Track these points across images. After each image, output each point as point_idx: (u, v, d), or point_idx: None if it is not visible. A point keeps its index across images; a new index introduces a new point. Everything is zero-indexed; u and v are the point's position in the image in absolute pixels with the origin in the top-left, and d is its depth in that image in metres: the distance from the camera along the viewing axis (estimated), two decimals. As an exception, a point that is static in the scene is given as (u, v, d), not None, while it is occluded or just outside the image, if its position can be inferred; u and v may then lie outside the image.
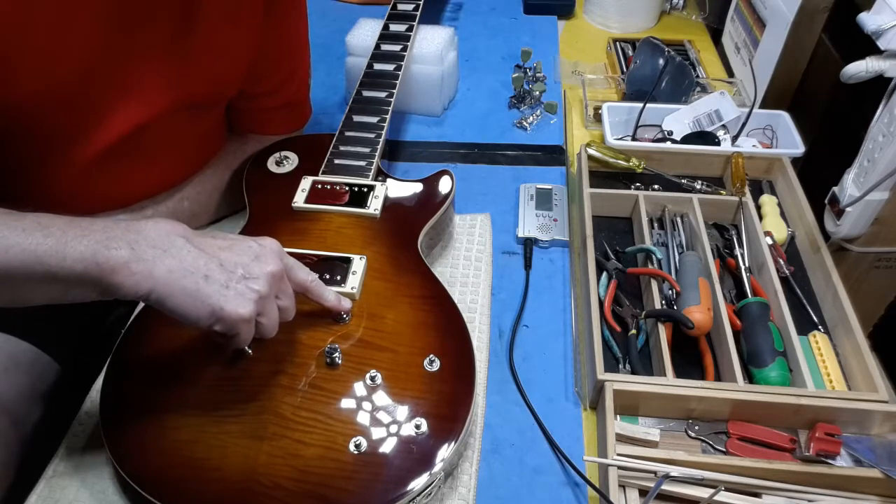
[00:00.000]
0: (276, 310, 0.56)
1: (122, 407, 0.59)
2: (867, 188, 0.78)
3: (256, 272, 0.53)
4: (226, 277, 0.52)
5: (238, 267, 0.53)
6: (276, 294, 0.56)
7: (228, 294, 0.51)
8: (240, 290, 0.52)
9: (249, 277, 0.53)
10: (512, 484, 0.62)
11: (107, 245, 0.48)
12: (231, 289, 0.52)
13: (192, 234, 0.53)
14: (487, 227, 0.84)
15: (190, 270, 0.50)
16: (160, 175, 0.75)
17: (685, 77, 1.01)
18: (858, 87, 0.76)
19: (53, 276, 0.47)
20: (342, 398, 0.58)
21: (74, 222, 0.49)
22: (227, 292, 0.51)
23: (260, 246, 0.55)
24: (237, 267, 0.53)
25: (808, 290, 0.77)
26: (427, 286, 0.67)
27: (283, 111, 0.86)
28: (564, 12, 1.32)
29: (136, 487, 0.54)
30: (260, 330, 0.55)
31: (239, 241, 0.55)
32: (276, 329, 0.57)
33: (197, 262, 0.51)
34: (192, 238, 0.52)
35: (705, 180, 0.89)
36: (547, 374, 0.71)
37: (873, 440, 0.63)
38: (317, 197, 0.75)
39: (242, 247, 0.54)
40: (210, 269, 0.51)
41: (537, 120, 1.04)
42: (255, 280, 0.53)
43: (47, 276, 0.47)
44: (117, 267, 0.48)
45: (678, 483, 0.59)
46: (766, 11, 1.06)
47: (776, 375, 0.65)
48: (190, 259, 0.51)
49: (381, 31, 0.95)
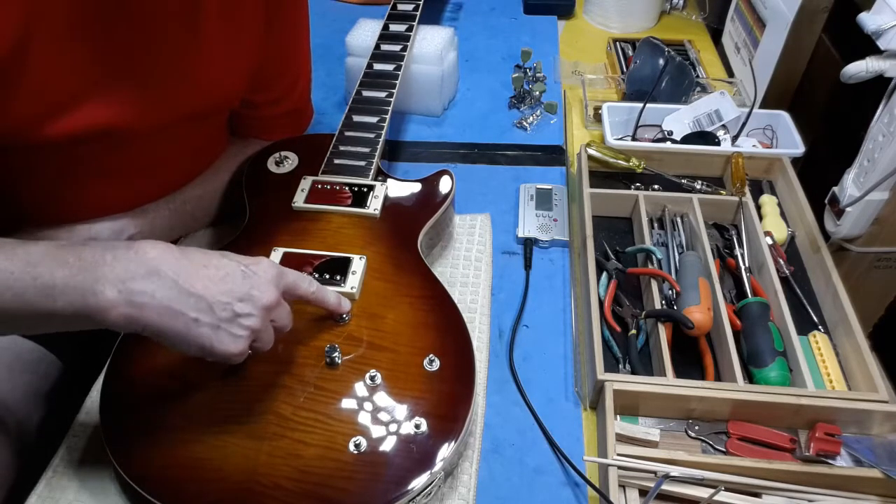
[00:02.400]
0: (271, 332, 0.56)
1: (123, 407, 0.59)
2: (867, 188, 0.78)
3: (248, 309, 0.52)
4: (215, 318, 0.51)
5: (230, 305, 0.51)
6: (272, 318, 0.55)
7: (219, 334, 0.51)
8: (231, 329, 0.51)
9: (241, 315, 0.52)
10: (512, 484, 0.62)
11: (94, 289, 0.48)
12: (222, 329, 0.51)
13: (182, 265, 0.51)
14: (487, 227, 0.84)
15: (180, 312, 0.49)
16: (162, 181, 0.75)
17: (685, 77, 1.01)
18: (858, 87, 0.76)
19: (48, 315, 0.48)
20: (342, 398, 0.58)
21: (62, 257, 0.48)
22: (218, 333, 0.51)
23: (254, 274, 0.53)
24: (228, 305, 0.51)
25: (808, 290, 0.77)
26: (427, 286, 0.67)
27: (284, 118, 0.86)
28: (564, 12, 1.32)
29: (136, 487, 0.54)
30: (255, 349, 0.55)
31: (231, 272, 0.52)
32: (271, 345, 0.56)
33: (186, 302, 0.50)
34: (181, 271, 0.50)
35: (705, 180, 0.89)
36: (547, 374, 0.71)
37: (873, 440, 0.63)
38: (317, 197, 0.75)
39: (235, 278, 0.52)
40: (200, 309, 0.50)
41: (537, 120, 1.04)
42: (246, 317, 0.52)
43: (42, 316, 0.48)
44: (107, 309, 0.48)
45: (678, 483, 0.59)
46: (766, 11, 1.06)
47: (776, 375, 0.65)
48: (179, 300, 0.49)
49: (381, 31, 0.95)
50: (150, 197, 0.75)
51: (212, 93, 0.71)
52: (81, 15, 0.57)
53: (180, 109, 0.69)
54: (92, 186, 0.69)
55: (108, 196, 0.71)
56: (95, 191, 0.70)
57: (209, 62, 0.68)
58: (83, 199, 0.70)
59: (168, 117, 0.68)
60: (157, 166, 0.73)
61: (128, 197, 0.73)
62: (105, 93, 0.62)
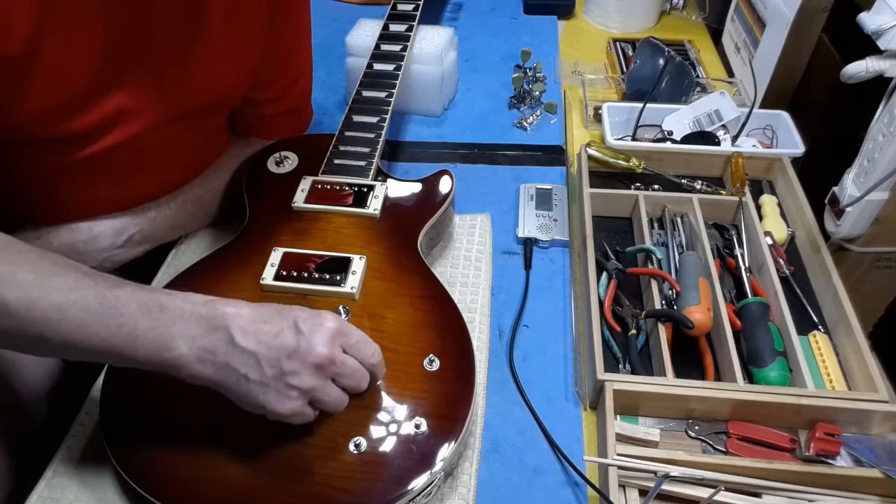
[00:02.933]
0: (333, 393, 0.54)
1: (123, 407, 0.59)
2: (867, 188, 0.78)
3: (296, 367, 0.51)
4: (263, 376, 0.51)
5: (278, 361, 0.51)
6: (332, 378, 0.53)
7: (268, 392, 0.51)
8: (278, 388, 0.51)
9: (289, 372, 0.51)
10: (512, 484, 0.62)
11: (169, 345, 0.50)
12: (270, 388, 0.51)
13: (245, 322, 0.51)
14: (487, 228, 0.84)
15: (233, 368, 0.51)
16: (163, 179, 0.75)
17: (685, 77, 1.01)
18: (858, 87, 0.76)
19: (126, 359, 0.51)
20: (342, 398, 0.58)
21: (146, 305, 0.51)
22: (266, 390, 0.51)
23: (308, 329, 0.52)
24: (277, 362, 0.51)
25: (808, 290, 0.77)
26: (427, 286, 0.67)
27: (285, 117, 0.86)
28: (564, 12, 1.32)
29: (136, 487, 0.54)
30: (322, 409, 0.54)
31: (285, 329, 0.52)
32: (343, 405, 0.55)
33: (238, 359, 0.50)
34: (243, 328, 0.51)
35: (705, 180, 0.89)
36: (547, 374, 0.71)
37: (873, 440, 0.63)
38: (317, 197, 0.75)
39: (286, 335, 0.51)
40: (249, 365, 0.50)
41: (537, 120, 1.04)
42: (294, 376, 0.51)
43: (121, 358, 0.51)
44: (177, 366, 0.51)
45: (678, 483, 0.59)
46: (766, 11, 1.06)
47: (776, 375, 0.65)
48: (233, 356, 0.50)
49: (381, 32, 0.95)
50: (151, 196, 0.75)
51: (214, 90, 0.72)
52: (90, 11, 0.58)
53: (182, 106, 0.69)
54: (94, 185, 0.69)
55: (109, 195, 0.71)
56: (97, 189, 0.70)
57: (212, 60, 0.68)
58: (85, 198, 0.70)
59: (170, 114, 0.68)
60: (159, 165, 0.73)
61: (129, 196, 0.73)
62: (114, 89, 0.63)
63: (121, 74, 0.63)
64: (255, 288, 0.66)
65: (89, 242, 0.70)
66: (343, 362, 0.53)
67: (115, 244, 0.72)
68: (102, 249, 0.71)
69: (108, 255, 0.71)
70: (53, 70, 0.58)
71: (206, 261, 0.70)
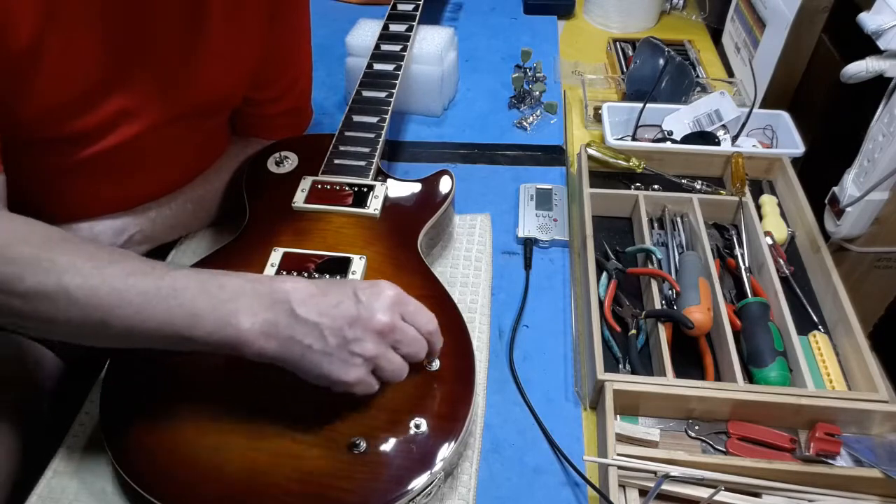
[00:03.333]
0: (395, 360, 0.54)
1: (123, 406, 0.59)
2: (867, 188, 0.78)
3: (359, 334, 0.52)
4: (326, 345, 0.51)
5: (340, 331, 0.51)
6: (393, 345, 0.54)
7: (333, 361, 0.52)
8: (342, 356, 0.52)
9: (352, 340, 0.52)
10: (512, 484, 0.62)
11: (230, 322, 0.50)
12: (334, 356, 0.52)
13: (305, 295, 0.52)
14: (487, 228, 0.84)
15: (297, 340, 0.51)
16: (164, 179, 0.75)
17: (685, 77, 1.01)
18: (858, 87, 0.76)
19: (184, 341, 0.51)
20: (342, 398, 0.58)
21: (204, 286, 0.51)
22: (331, 360, 0.52)
23: (368, 298, 0.53)
24: (340, 331, 0.51)
25: (808, 290, 0.77)
26: (427, 286, 0.67)
27: (285, 117, 0.86)
28: (564, 12, 1.32)
29: (136, 487, 0.54)
30: (383, 378, 0.55)
31: (345, 299, 0.53)
32: (404, 373, 0.55)
33: (301, 330, 0.51)
34: (304, 301, 0.52)
35: (705, 180, 0.89)
36: (547, 374, 0.71)
37: (873, 440, 0.63)
38: (317, 197, 0.75)
39: (347, 304, 0.52)
40: (312, 338, 0.51)
41: (537, 120, 1.04)
42: (357, 343, 0.52)
43: (179, 341, 0.51)
44: (241, 342, 0.51)
45: (678, 483, 0.59)
46: (766, 11, 1.06)
47: (776, 375, 0.65)
48: (295, 328, 0.51)
49: (381, 32, 0.95)
50: (151, 196, 0.75)
51: (214, 90, 0.72)
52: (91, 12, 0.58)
53: (183, 107, 0.69)
54: (94, 185, 0.69)
55: (109, 195, 0.71)
56: (97, 189, 0.70)
57: (212, 60, 0.68)
58: (85, 198, 0.70)
59: (171, 114, 0.68)
60: (160, 165, 0.73)
61: (130, 196, 0.73)
62: (115, 90, 0.63)
63: (122, 75, 0.63)
64: (255, 288, 0.66)
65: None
66: (403, 329, 0.54)
67: (115, 244, 0.72)
68: None
69: (109, 255, 0.71)
70: (55, 71, 0.58)
71: (206, 261, 0.70)
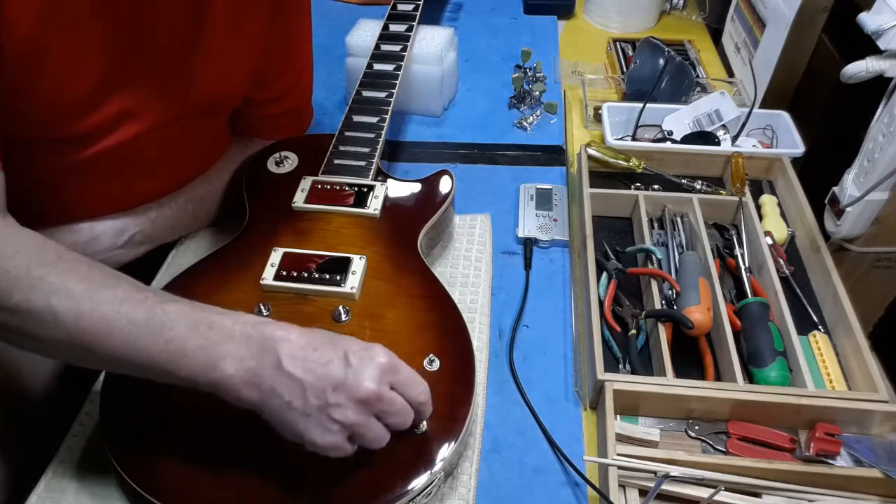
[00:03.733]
0: (376, 429, 0.51)
1: (123, 407, 0.59)
2: (867, 188, 0.78)
3: (342, 400, 0.49)
4: (307, 405, 0.49)
5: (324, 393, 0.49)
6: (377, 415, 0.51)
7: (310, 422, 0.49)
8: (321, 420, 0.49)
9: (333, 405, 0.49)
10: (512, 484, 0.62)
11: (216, 365, 0.49)
12: (312, 417, 0.49)
13: (295, 347, 0.50)
14: (487, 228, 0.84)
15: (278, 394, 0.49)
16: (165, 179, 0.75)
17: (685, 77, 1.01)
18: (858, 87, 0.76)
19: (167, 377, 0.50)
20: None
21: (195, 323, 0.50)
22: (308, 420, 0.49)
23: (360, 361, 0.50)
24: (323, 392, 0.49)
25: (808, 290, 0.77)
26: (427, 286, 0.67)
27: (286, 117, 0.86)
28: (564, 12, 1.32)
29: (135, 487, 0.54)
30: (363, 444, 0.52)
31: (334, 359, 0.50)
32: (384, 442, 0.52)
33: (284, 384, 0.49)
34: (291, 353, 0.50)
35: (705, 180, 0.89)
36: (547, 374, 0.71)
37: (873, 440, 0.63)
38: (317, 197, 0.75)
39: (335, 365, 0.50)
40: (294, 395, 0.49)
41: (537, 120, 1.04)
42: (337, 409, 0.49)
43: (162, 376, 0.50)
44: (224, 387, 0.50)
45: (678, 483, 0.59)
46: (766, 11, 1.06)
47: (776, 375, 0.65)
48: (279, 381, 0.49)
49: (381, 32, 0.95)
50: (152, 196, 0.75)
51: (215, 91, 0.72)
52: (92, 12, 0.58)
53: (184, 107, 0.69)
54: (95, 185, 0.70)
55: (110, 195, 0.71)
56: (98, 189, 0.70)
57: (213, 60, 0.69)
58: (86, 198, 0.70)
59: (172, 115, 0.68)
60: (160, 165, 0.73)
61: (130, 196, 0.73)
62: (116, 90, 0.63)
63: (123, 75, 0.63)
64: (255, 288, 0.66)
65: (90, 243, 0.70)
66: (391, 400, 0.51)
67: (115, 244, 0.72)
68: (103, 250, 0.71)
69: (109, 256, 0.71)
70: (57, 71, 0.58)
71: (206, 261, 0.70)
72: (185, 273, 0.69)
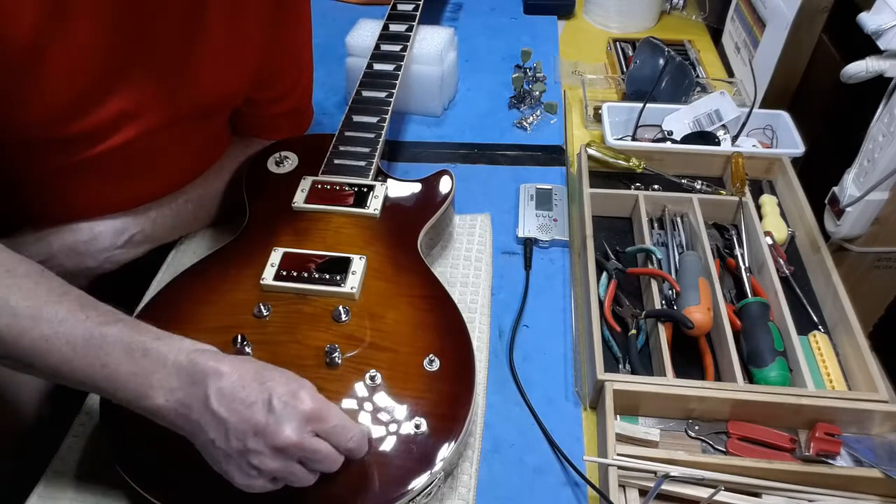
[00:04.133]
0: (299, 474, 0.51)
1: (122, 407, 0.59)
2: (867, 188, 0.78)
3: (260, 447, 0.48)
4: (228, 447, 0.49)
5: (244, 437, 0.48)
6: (300, 461, 0.50)
7: (231, 464, 0.50)
8: (241, 464, 0.49)
9: (252, 451, 0.48)
10: (512, 484, 0.62)
11: (147, 394, 0.50)
12: (233, 460, 0.49)
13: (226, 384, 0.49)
14: (487, 228, 0.84)
15: (203, 430, 0.49)
16: (165, 179, 0.75)
17: (685, 77, 1.01)
18: (858, 87, 0.76)
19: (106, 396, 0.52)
20: (342, 398, 0.58)
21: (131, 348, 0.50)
22: (229, 461, 0.49)
23: (281, 407, 0.49)
24: (243, 437, 0.48)
25: (808, 290, 0.77)
26: (427, 286, 0.67)
27: (286, 117, 0.86)
28: (564, 12, 1.32)
29: (135, 487, 0.54)
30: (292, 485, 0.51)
31: (259, 401, 0.49)
32: (310, 482, 0.52)
33: (209, 422, 0.49)
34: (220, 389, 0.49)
35: (705, 180, 0.89)
36: (547, 374, 0.71)
37: (873, 440, 0.63)
38: (317, 197, 0.75)
39: (258, 408, 0.49)
40: (217, 434, 0.49)
41: (537, 120, 1.04)
42: (256, 455, 0.48)
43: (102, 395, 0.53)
44: (152, 413, 0.51)
45: (678, 483, 0.59)
46: (766, 11, 1.06)
47: (776, 375, 0.65)
48: (205, 417, 0.49)
49: (381, 32, 0.95)
50: (152, 196, 0.75)
51: (215, 91, 0.72)
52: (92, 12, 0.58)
53: (184, 107, 0.69)
54: (94, 185, 0.70)
55: (110, 195, 0.71)
56: (98, 189, 0.70)
57: (214, 61, 0.68)
58: (86, 198, 0.70)
59: (172, 115, 0.68)
60: (160, 165, 0.73)
61: (130, 196, 0.73)
62: (116, 91, 0.63)
63: (123, 76, 0.63)
64: (255, 288, 0.66)
65: (90, 243, 0.70)
66: (313, 449, 0.50)
67: (115, 244, 0.72)
68: (103, 249, 0.71)
69: (109, 256, 0.72)
70: (57, 71, 0.58)
71: (206, 261, 0.70)
72: (185, 273, 0.69)
